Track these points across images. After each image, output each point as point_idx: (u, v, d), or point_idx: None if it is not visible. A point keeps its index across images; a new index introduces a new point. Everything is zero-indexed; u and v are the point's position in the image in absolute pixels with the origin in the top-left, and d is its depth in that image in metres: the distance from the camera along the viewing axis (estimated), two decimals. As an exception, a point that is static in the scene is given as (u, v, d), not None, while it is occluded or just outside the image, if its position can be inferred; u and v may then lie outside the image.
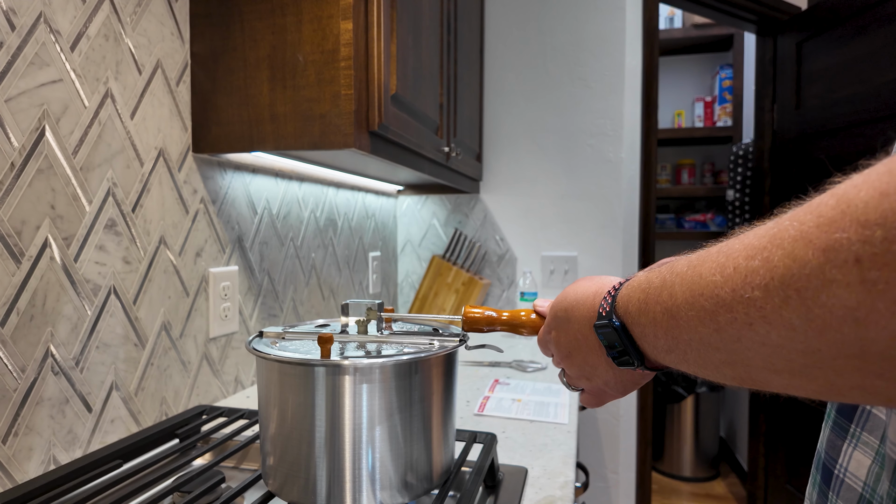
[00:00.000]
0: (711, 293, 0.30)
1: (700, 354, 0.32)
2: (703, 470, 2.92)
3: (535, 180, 1.97)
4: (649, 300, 0.37)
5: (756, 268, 0.27)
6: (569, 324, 0.49)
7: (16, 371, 0.68)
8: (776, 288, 0.25)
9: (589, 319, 0.45)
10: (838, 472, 0.40)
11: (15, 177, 0.67)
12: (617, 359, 0.43)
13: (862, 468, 0.38)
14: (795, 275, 0.24)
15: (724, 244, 0.31)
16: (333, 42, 0.89)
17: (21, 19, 0.68)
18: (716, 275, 0.29)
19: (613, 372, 0.47)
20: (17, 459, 0.68)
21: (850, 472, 0.39)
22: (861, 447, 0.39)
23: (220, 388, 1.07)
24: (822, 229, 0.24)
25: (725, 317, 0.29)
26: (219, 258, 1.05)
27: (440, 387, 0.59)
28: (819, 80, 2.06)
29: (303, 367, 0.54)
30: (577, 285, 0.51)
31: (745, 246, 0.28)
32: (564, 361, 0.52)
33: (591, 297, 0.46)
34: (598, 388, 0.52)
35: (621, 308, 0.41)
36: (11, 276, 0.67)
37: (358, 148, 0.91)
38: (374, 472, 0.54)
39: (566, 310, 0.50)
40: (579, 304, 0.48)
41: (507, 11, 1.96)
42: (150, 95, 0.89)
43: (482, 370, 1.35)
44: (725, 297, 0.28)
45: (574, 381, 0.54)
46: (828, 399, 0.29)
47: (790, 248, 0.25)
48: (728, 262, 0.29)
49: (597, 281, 0.49)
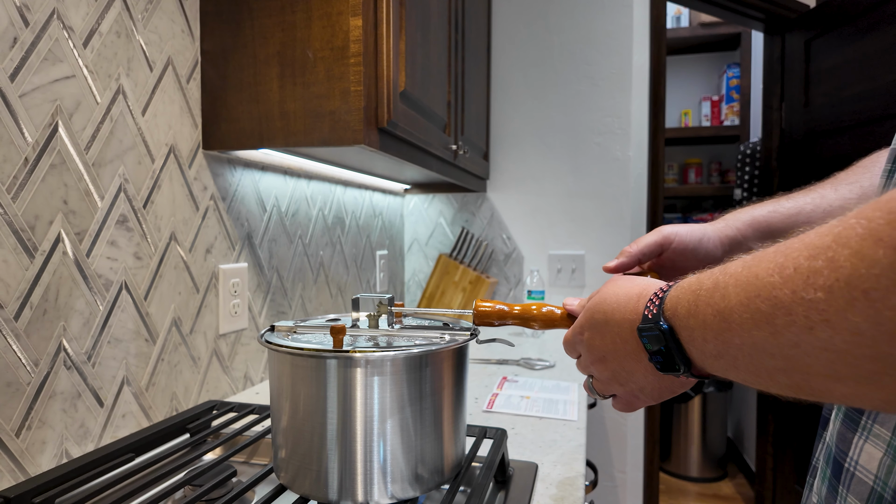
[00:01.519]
0: (769, 294, 0.28)
1: (753, 360, 0.31)
2: (711, 470, 2.90)
3: (542, 178, 1.97)
4: (700, 302, 0.35)
5: (819, 268, 0.25)
6: (607, 326, 0.47)
7: (29, 365, 0.68)
8: (841, 289, 0.24)
9: (631, 322, 0.43)
10: (849, 466, 0.40)
11: (29, 172, 0.68)
12: (660, 363, 0.41)
13: (873, 461, 0.37)
14: (863, 275, 0.23)
15: (782, 244, 0.29)
16: (343, 39, 0.89)
17: (35, 15, 0.68)
18: (774, 275, 0.28)
19: (652, 378, 0.45)
20: (31, 452, 0.68)
21: (861, 466, 0.38)
22: (872, 440, 0.38)
23: (230, 385, 1.07)
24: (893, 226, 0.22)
25: (783, 320, 0.27)
26: (228, 255, 1.06)
27: (451, 380, 0.59)
28: (828, 79, 2.05)
29: (315, 359, 0.54)
30: (616, 286, 0.49)
31: (807, 245, 0.27)
32: (596, 365, 0.50)
33: (635, 299, 0.44)
34: (632, 393, 0.50)
35: (669, 310, 0.39)
36: (25, 270, 0.67)
37: (367, 144, 0.92)
38: (386, 465, 0.54)
39: (605, 312, 0.48)
40: (620, 306, 0.46)
41: (514, 9, 1.96)
42: (161, 92, 0.89)
43: (490, 367, 1.35)
44: (784, 299, 0.27)
45: (604, 387, 0.52)
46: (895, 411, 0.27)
47: (857, 246, 0.24)
48: (787, 263, 0.27)
49: (639, 283, 0.47)
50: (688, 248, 0.59)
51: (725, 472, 2.95)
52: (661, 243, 0.60)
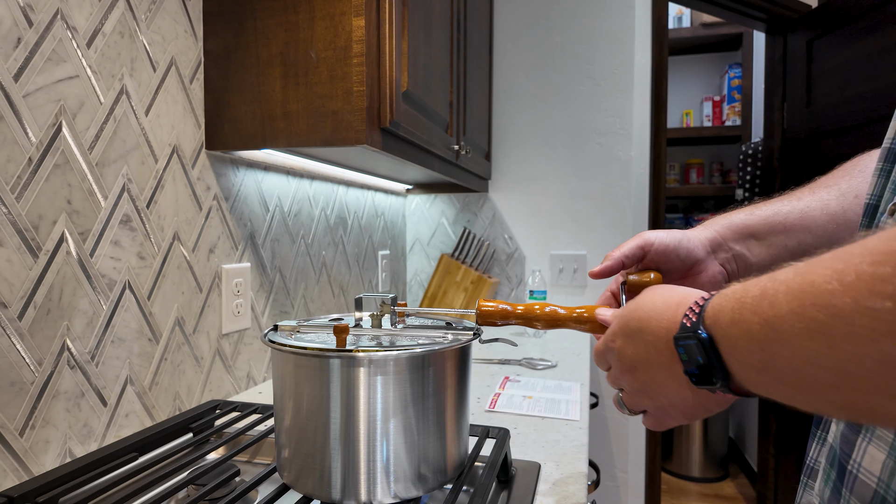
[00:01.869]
0: (826, 302, 0.26)
1: (801, 374, 0.29)
2: (713, 470, 2.90)
3: (543, 179, 1.97)
4: (745, 310, 0.33)
5: (887, 275, 0.23)
6: (641, 335, 0.45)
7: (33, 364, 0.68)
8: None
9: (667, 331, 0.41)
10: (851, 468, 0.39)
11: (32, 172, 0.68)
12: (696, 376, 0.38)
13: (876, 463, 0.37)
14: None
15: (840, 250, 0.27)
16: (346, 39, 0.90)
17: (38, 15, 0.69)
18: (832, 282, 0.26)
19: (685, 392, 0.43)
20: (34, 452, 0.69)
21: (864, 468, 0.38)
22: (875, 441, 0.38)
23: (233, 384, 1.07)
24: None
25: (842, 330, 0.25)
26: (231, 255, 1.06)
27: (454, 380, 0.59)
28: (830, 78, 2.04)
29: (318, 359, 0.54)
30: (654, 293, 0.47)
31: (870, 251, 0.25)
32: (626, 376, 0.48)
33: (674, 307, 0.42)
34: (662, 409, 0.48)
35: (710, 319, 0.37)
36: (29, 269, 0.67)
37: (370, 144, 0.92)
38: (389, 465, 0.55)
39: (640, 320, 0.46)
40: (657, 314, 0.44)
41: (516, 10, 1.96)
42: (165, 92, 0.89)
43: (492, 367, 1.35)
44: (845, 308, 0.25)
45: (633, 401, 0.50)
46: None
47: None
48: (848, 269, 0.26)
49: (679, 291, 0.45)
50: (668, 249, 0.60)
51: (727, 472, 2.95)
52: (643, 246, 0.60)
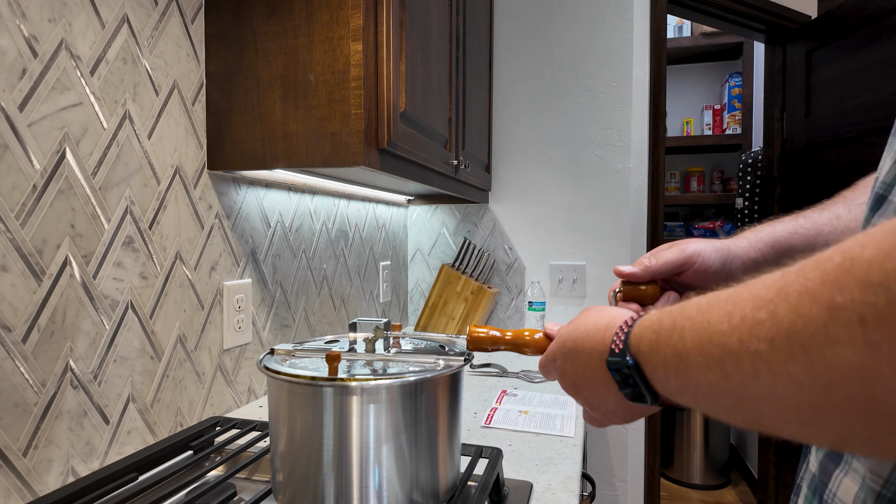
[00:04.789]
0: (719, 341, 0.29)
1: (709, 399, 0.32)
2: (714, 477, 2.91)
3: (543, 190, 1.98)
4: (660, 341, 0.36)
5: (762, 320, 0.26)
6: (577, 355, 0.49)
7: (36, 385, 0.70)
8: (781, 342, 0.25)
9: (600, 353, 0.45)
10: (827, 498, 0.41)
11: (37, 198, 0.70)
12: (629, 394, 0.42)
13: (849, 494, 0.38)
14: (800, 331, 0.24)
15: (734, 290, 0.30)
16: (344, 63, 0.91)
17: (43, 46, 0.70)
18: (723, 323, 0.29)
19: (623, 403, 0.46)
20: (38, 471, 0.70)
21: (839, 498, 0.39)
22: (852, 474, 0.39)
23: (234, 399, 1.09)
24: (826, 286, 0.23)
25: (732, 366, 0.28)
26: (233, 271, 1.08)
27: (445, 405, 0.61)
28: (829, 89, 2.05)
29: (311, 388, 0.55)
30: (587, 315, 0.50)
31: (753, 296, 0.28)
32: (570, 392, 0.52)
33: (602, 329, 0.45)
34: (605, 415, 0.51)
35: (633, 346, 0.40)
36: (33, 293, 0.69)
37: (367, 165, 0.93)
38: (381, 491, 0.56)
39: (575, 340, 0.49)
40: (589, 336, 0.47)
41: (515, 24, 1.97)
42: (167, 115, 0.91)
43: (490, 381, 1.36)
44: (732, 347, 0.28)
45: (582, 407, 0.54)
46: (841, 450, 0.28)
47: (795, 302, 0.25)
48: (736, 312, 0.29)
49: (607, 313, 0.48)
50: (709, 271, 0.58)
51: (728, 480, 2.95)
52: (682, 263, 0.58)
